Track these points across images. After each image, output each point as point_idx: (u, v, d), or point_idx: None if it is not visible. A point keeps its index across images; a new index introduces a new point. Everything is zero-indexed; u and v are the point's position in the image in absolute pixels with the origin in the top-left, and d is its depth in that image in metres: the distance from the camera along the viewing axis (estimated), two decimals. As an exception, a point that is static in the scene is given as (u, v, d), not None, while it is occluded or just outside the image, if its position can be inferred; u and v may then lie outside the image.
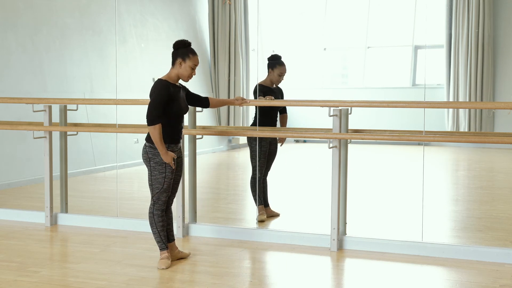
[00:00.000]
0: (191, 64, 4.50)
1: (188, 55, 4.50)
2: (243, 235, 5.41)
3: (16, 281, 4.27)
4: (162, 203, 4.61)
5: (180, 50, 4.53)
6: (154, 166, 4.53)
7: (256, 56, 10.30)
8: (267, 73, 6.01)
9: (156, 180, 4.54)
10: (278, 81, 6.01)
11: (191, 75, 4.54)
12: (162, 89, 4.45)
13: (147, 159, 4.55)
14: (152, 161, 4.52)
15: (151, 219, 4.64)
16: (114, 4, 9.29)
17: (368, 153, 10.21)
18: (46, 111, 5.94)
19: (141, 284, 4.22)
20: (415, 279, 4.43)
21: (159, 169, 4.52)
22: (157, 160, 4.51)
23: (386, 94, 11.28)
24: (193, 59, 4.52)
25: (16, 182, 7.98)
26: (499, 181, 8.80)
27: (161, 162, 4.51)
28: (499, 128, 10.96)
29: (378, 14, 11.57)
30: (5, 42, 8.09)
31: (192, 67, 4.51)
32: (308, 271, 4.56)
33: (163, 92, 4.43)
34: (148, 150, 4.54)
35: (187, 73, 4.52)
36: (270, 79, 6.00)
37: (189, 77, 4.54)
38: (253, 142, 5.94)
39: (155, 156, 4.51)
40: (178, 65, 4.51)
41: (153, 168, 4.53)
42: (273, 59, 6.01)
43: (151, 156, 4.53)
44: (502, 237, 5.46)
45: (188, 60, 4.50)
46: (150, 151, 4.53)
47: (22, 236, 5.58)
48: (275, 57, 6.02)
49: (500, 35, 11.16)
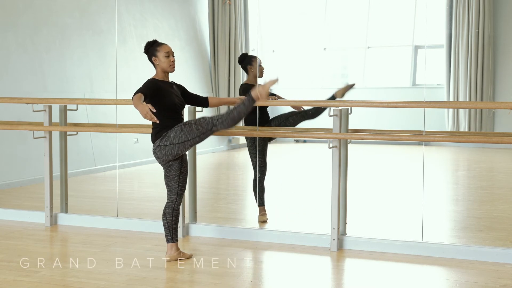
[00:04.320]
0: (162, 53, 4.65)
1: (156, 49, 4.68)
2: (243, 235, 5.41)
3: (16, 281, 4.26)
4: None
5: (149, 50, 4.72)
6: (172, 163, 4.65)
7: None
8: (247, 73, 6.04)
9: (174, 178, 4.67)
10: (261, 72, 6.04)
11: (171, 62, 4.66)
12: (147, 82, 4.62)
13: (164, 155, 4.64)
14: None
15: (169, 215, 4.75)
16: (114, 4, 9.29)
17: (368, 153, 10.20)
18: (46, 111, 5.94)
19: (141, 284, 4.22)
20: (415, 279, 4.43)
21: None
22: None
23: (386, 94, 11.27)
24: (162, 48, 4.68)
25: (16, 182, 7.98)
26: (499, 181, 8.79)
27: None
28: (499, 128, 10.95)
29: (378, 14, 11.56)
30: (5, 42, 8.09)
31: (165, 55, 4.65)
32: (308, 271, 4.56)
33: (147, 83, 4.59)
34: (156, 150, 4.64)
35: (166, 63, 4.65)
36: (253, 76, 6.02)
37: (170, 66, 4.67)
38: (248, 142, 5.95)
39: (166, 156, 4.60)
40: (156, 63, 4.69)
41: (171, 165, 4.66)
42: (244, 57, 6.07)
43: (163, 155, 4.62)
44: (502, 237, 5.46)
45: (159, 52, 4.66)
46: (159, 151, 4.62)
47: (22, 236, 5.58)
48: (244, 55, 6.10)
49: (500, 35, 11.15)
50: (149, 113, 4.22)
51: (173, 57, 4.70)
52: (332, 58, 12.16)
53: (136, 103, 4.29)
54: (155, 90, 4.53)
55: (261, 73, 6.02)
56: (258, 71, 6.00)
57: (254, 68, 6.00)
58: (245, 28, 10.56)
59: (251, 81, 6.01)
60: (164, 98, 4.56)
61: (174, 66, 4.69)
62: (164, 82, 4.66)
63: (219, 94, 10.49)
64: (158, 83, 4.61)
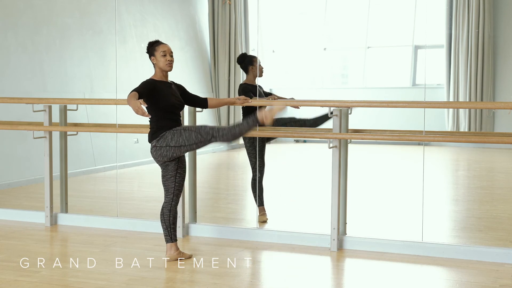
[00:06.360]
0: (160, 52, 4.67)
1: (154, 49, 4.70)
2: (243, 235, 5.41)
3: (16, 281, 4.26)
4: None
5: (149, 50, 4.74)
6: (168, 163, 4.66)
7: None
8: (247, 73, 6.03)
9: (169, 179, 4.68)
10: (261, 72, 6.04)
11: (168, 61, 4.67)
12: (144, 81, 4.63)
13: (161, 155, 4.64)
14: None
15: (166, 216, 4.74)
16: (114, 4, 9.29)
17: (368, 153, 10.20)
18: (46, 111, 5.94)
19: (141, 284, 4.22)
20: (415, 279, 4.43)
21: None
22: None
23: (386, 94, 11.26)
24: (160, 47, 4.69)
25: (16, 182, 7.98)
26: (499, 181, 8.79)
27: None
28: (499, 128, 10.94)
29: (378, 14, 11.55)
30: (5, 42, 8.09)
31: (162, 54, 4.66)
32: (308, 271, 4.56)
33: (143, 83, 4.60)
34: (152, 150, 4.65)
35: (162, 62, 4.67)
36: (253, 75, 6.01)
37: (167, 65, 4.68)
38: (247, 143, 5.94)
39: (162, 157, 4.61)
40: (154, 62, 4.71)
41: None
42: (244, 57, 6.06)
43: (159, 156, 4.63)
44: (502, 237, 5.46)
45: (156, 52, 4.68)
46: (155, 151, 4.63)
47: (22, 236, 5.58)
48: (244, 55, 6.09)
49: (500, 35, 11.14)
50: (141, 108, 4.21)
51: (171, 57, 4.69)
52: (332, 58, 12.16)
53: (128, 100, 4.31)
54: (151, 90, 4.53)
55: (260, 73, 6.02)
56: (258, 71, 6.00)
57: (255, 68, 6.00)
58: (245, 28, 10.56)
59: (251, 81, 6.00)
60: (160, 98, 4.56)
61: (171, 65, 4.69)
62: (161, 82, 4.66)
63: (219, 94, 10.49)
64: (155, 83, 4.61)
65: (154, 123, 4.61)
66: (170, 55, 4.69)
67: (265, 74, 6.06)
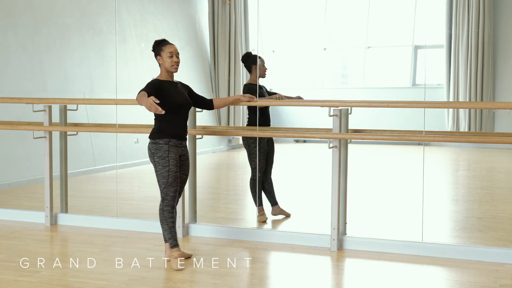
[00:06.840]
0: (166, 53, 4.66)
1: (161, 48, 4.69)
2: (243, 235, 5.41)
3: (16, 281, 4.27)
4: (171, 198, 4.63)
5: (154, 50, 4.73)
6: (158, 160, 4.60)
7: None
8: (250, 73, 6.01)
9: (161, 174, 4.61)
10: (263, 72, 6.01)
11: (174, 62, 4.67)
12: (150, 82, 4.63)
13: (151, 155, 4.64)
14: (155, 156, 4.61)
15: (161, 216, 4.67)
16: (114, 4, 9.29)
17: (368, 153, 10.20)
18: (46, 111, 5.94)
19: (141, 284, 4.22)
20: (415, 279, 4.43)
21: (162, 163, 4.59)
22: (160, 154, 4.58)
23: (386, 94, 11.27)
24: (167, 48, 4.68)
25: (16, 182, 7.98)
26: (499, 181, 8.79)
27: (163, 156, 4.57)
28: (499, 128, 10.95)
29: (378, 14, 11.56)
30: (5, 42, 8.09)
31: (169, 55, 4.66)
32: (308, 271, 4.56)
33: (149, 83, 4.60)
34: (150, 147, 4.64)
35: (168, 63, 4.66)
36: (256, 75, 6.00)
37: (173, 65, 4.67)
38: (252, 143, 5.92)
39: (157, 151, 4.59)
40: (160, 62, 4.70)
41: (157, 163, 4.61)
42: (248, 56, 6.05)
43: (154, 152, 4.62)
44: (502, 237, 5.46)
45: (163, 52, 4.67)
46: (152, 147, 4.63)
47: (22, 236, 5.58)
48: (249, 54, 6.08)
49: (500, 35, 11.15)
50: (154, 105, 4.22)
51: (177, 58, 4.68)
52: (332, 58, 12.16)
53: (139, 99, 4.32)
54: (157, 90, 4.53)
55: (263, 73, 5.99)
56: (260, 71, 5.97)
57: (258, 66, 5.97)
58: (245, 28, 10.56)
59: (255, 80, 5.99)
60: (166, 98, 4.56)
61: (177, 66, 4.68)
62: (167, 82, 4.65)
63: (219, 94, 10.49)
64: (161, 84, 4.60)
65: (158, 123, 4.63)
66: (176, 56, 4.69)
67: (267, 74, 6.04)
